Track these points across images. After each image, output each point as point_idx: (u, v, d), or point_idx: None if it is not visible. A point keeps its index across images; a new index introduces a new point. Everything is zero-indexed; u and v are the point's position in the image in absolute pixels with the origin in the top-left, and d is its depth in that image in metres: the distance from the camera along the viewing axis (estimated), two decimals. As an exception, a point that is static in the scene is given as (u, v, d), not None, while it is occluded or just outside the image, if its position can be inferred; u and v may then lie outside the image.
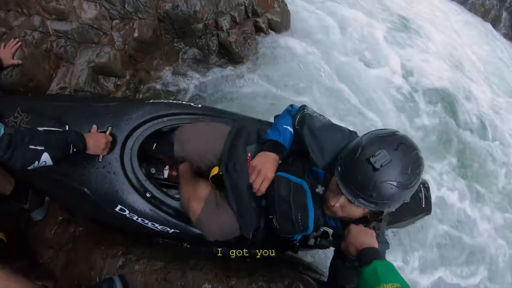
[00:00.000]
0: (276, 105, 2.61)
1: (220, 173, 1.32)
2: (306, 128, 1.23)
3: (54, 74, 2.02)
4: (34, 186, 1.62)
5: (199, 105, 1.74)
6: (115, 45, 2.10)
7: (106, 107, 1.57)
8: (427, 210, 1.94)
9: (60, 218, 1.68)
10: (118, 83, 2.15)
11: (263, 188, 1.21)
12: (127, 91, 2.17)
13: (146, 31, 2.22)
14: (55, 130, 1.28)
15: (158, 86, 2.31)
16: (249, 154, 1.35)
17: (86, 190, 1.42)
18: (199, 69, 2.55)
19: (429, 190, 2.00)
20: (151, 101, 1.70)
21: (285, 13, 3.04)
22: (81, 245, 1.57)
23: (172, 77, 2.40)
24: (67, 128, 1.43)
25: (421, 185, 1.96)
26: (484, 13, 5.84)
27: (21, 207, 1.66)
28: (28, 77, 1.90)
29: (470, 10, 5.78)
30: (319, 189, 1.19)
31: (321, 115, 1.32)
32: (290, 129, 1.31)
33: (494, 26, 5.80)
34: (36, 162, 1.15)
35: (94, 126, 1.46)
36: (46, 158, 1.16)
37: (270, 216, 1.28)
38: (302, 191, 1.17)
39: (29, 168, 1.15)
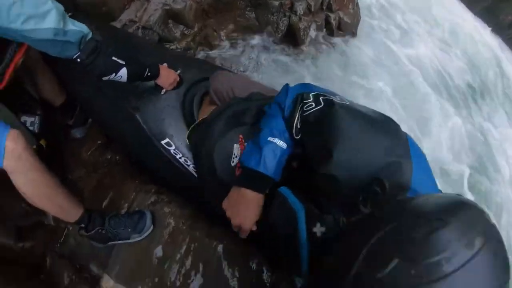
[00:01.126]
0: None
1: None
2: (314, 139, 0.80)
3: (128, 6, 2.03)
4: (83, 106, 1.63)
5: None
6: (195, -5, 2.11)
7: (177, 55, 1.59)
8: None
9: (99, 142, 1.68)
10: (185, 32, 2.15)
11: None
12: (191, 43, 2.17)
13: (225, -9, 2.23)
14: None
15: (219, 46, 2.30)
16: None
17: (138, 117, 1.41)
18: (260, 43, 2.54)
19: None
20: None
21: (356, 17, 3.02)
22: (115, 173, 1.56)
23: (232, 43, 2.39)
24: None
25: None
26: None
27: (65, 122, 1.68)
28: (104, 1, 1.92)
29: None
30: (317, 229, 0.73)
31: (336, 95, 0.85)
32: (282, 143, 0.86)
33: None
34: (114, 74, 1.14)
35: (165, 64, 1.46)
36: (123, 73, 1.16)
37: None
38: (293, 222, 0.75)
39: (105, 78, 1.15)
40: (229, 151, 1.11)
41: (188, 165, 1.39)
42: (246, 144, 1.04)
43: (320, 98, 0.82)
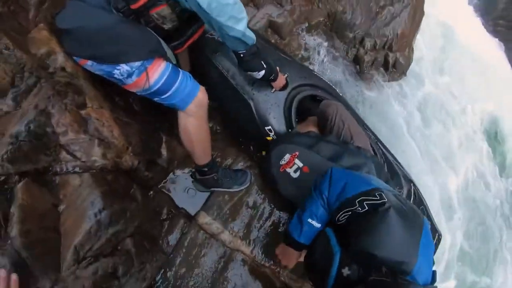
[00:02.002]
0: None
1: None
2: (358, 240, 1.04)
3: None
4: (205, 78, 2.04)
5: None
6: (293, 15, 2.60)
7: (286, 59, 2.05)
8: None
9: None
10: (278, 41, 2.64)
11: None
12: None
13: (315, 17, 2.73)
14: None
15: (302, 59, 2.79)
16: None
17: (251, 103, 1.88)
18: (330, 63, 3.02)
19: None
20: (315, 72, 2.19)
21: (409, 60, 3.49)
22: (217, 139, 2.01)
23: (309, 55, 2.87)
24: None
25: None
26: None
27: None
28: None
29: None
30: (345, 271, 1.01)
31: (392, 194, 1.11)
32: (318, 224, 1.23)
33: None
34: (256, 72, 1.59)
35: (278, 68, 1.91)
36: (262, 73, 1.60)
37: None
38: (330, 260, 1.05)
39: (248, 73, 1.60)
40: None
41: None
42: (295, 214, 1.34)
43: (365, 203, 1.07)
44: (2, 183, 1.00)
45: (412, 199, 2.09)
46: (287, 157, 1.57)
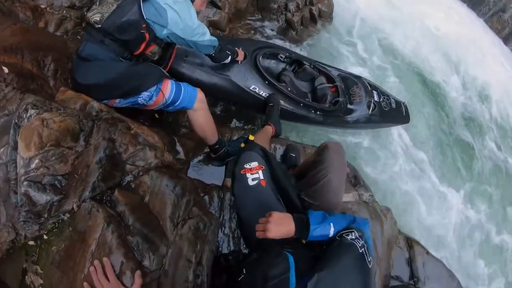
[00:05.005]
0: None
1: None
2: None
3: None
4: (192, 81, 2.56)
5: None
6: (225, 9, 3.13)
7: (236, 40, 2.70)
8: (407, 119, 3.36)
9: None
10: (221, 34, 3.17)
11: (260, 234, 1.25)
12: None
13: (242, 3, 3.31)
14: None
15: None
16: None
17: (232, 78, 2.53)
18: (268, 34, 3.60)
19: (407, 108, 3.39)
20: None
21: (331, 6, 4.13)
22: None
23: (251, 36, 3.45)
24: None
25: (402, 103, 3.34)
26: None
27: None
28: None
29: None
30: None
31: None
32: (332, 231, 1.21)
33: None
34: (226, 60, 2.21)
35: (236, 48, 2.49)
36: (229, 58, 2.26)
37: None
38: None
39: (222, 62, 2.22)
40: None
41: (265, 96, 2.61)
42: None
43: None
44: (101, 197, 1.47)
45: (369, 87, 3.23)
46: (254, 164, 1.53)
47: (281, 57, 3.02)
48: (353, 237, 1.12)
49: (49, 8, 2.55)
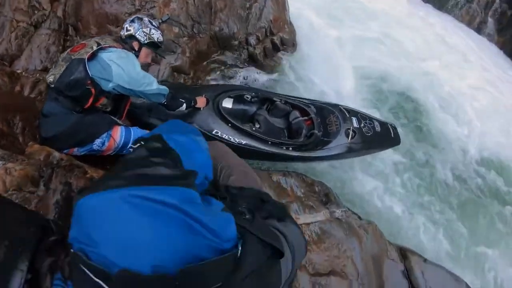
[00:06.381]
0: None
1: None
2: None
3: (148, 70, 3.40)
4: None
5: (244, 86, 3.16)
6: (186, 54, 3.51)
7: (197, 88, 3.07)
8: (397, 141, 3.29)
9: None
10: (186, 78, 3.54)
11: None
12: (191, 83, 3.55)
13: (203, 45, 3.66)
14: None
15: (210, 81, 3.69)
16: None
17: (195, 125, 2.73)
18: (233, 71, 3.94)
19: (396, 129, 3.36)
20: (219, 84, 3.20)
21: (292, 33, 4.47)
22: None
23: (217, 75, 3.79)
24: None
25: (389, 125, 3.31)
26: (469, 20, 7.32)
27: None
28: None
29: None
30: None
31: None
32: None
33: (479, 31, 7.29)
34: (180, 107, 2.46)
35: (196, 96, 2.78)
36: (184, 106, 2.49)
37: None
38: None
39: (176, 110, 2.47)
40: None
41: (229, 139, 2.76)
42: None
43: None
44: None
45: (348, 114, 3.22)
46: None
47: (247, 97, 3.15)
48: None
49: (24, 72, 2.91)
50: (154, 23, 2.43)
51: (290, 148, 2.90)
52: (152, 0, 3.47)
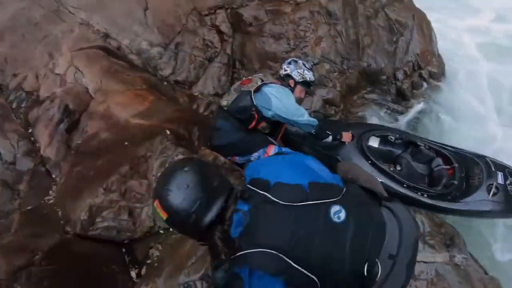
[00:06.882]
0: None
1: None
2: None
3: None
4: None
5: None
6: (337, 88, 3.71)
7: (345, 124, 3.27)
8: None
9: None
10: (336, 110, 3.71)
11: None
12: (341, 115, 3.70)
13: (352, 80, 3.81)
14: None
15: (358, 113, 3.79)
16: None
17: (338, 157, 2.92)
18: (382, 106, 3.96)
19: None
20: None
21: (441, 65, 4.28)
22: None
23: (365, 110, 3.86)
24: None
25: None
26: None
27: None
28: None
29: None
30: None
31: None
32: None
33: None
34: (328, 139, 2.71)
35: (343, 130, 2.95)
36: (330, 138, 2.72)
37: None
38: None
39: (323, 140, 2.73)
40: None
41: None
42: None
43: None
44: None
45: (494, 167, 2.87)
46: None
47: (391, 138, 3.15)
48: None
49: (200, 95, 3.60)
50: (307, 65, 2.77)
51: (425, 195, 2.77)
52: (305, 40, 3.81)
